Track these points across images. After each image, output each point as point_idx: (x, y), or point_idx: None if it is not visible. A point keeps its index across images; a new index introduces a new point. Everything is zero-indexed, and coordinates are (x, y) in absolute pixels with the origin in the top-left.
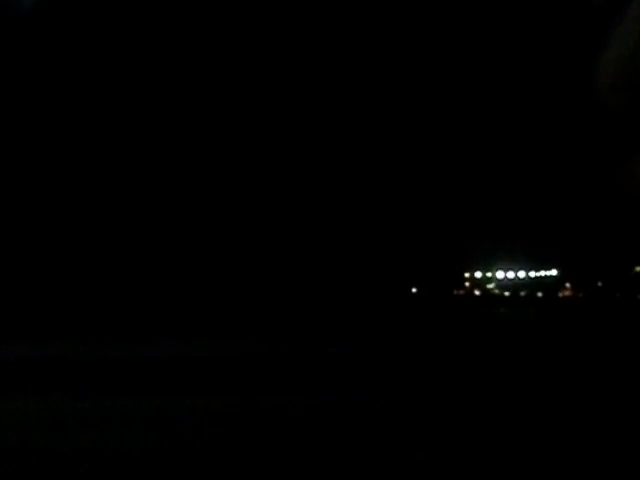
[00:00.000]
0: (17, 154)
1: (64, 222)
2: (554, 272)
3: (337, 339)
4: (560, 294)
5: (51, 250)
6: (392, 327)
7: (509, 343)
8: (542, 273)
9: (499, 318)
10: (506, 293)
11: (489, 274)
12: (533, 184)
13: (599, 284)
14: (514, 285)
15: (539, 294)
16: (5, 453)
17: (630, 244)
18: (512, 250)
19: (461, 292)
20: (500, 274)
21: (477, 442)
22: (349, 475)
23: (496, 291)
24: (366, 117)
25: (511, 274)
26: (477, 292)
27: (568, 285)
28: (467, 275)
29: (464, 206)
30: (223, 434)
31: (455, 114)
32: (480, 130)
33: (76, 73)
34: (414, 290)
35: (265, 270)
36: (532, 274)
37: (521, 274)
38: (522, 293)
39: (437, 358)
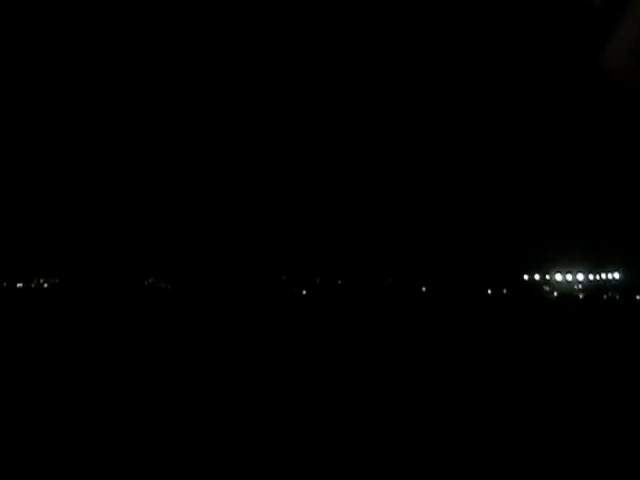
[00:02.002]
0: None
1: None
2: (616, 275)
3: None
4: None
5: None
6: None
7: None
8: (602, 276)
9: None
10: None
11: (547, 277)
12: (592, 188)
13: None
14: (569, 288)
15: (604, 297)
16: None
17: None
18: (570, 253)
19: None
20: (558, 277)
21: None
22: None
23: (555, 294)
24: (410, 122)
25: (569, 277)
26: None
27: None
28: (526, 278)
29: (522, 209)
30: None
31: (506, 120)
32: (533, 133)
33: (75, 72)
34: (489, 292)
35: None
36: (590, 277)
37: (579, 277)
38: (581, 296)
39: None
